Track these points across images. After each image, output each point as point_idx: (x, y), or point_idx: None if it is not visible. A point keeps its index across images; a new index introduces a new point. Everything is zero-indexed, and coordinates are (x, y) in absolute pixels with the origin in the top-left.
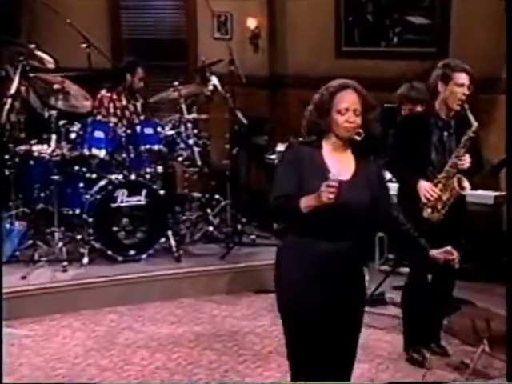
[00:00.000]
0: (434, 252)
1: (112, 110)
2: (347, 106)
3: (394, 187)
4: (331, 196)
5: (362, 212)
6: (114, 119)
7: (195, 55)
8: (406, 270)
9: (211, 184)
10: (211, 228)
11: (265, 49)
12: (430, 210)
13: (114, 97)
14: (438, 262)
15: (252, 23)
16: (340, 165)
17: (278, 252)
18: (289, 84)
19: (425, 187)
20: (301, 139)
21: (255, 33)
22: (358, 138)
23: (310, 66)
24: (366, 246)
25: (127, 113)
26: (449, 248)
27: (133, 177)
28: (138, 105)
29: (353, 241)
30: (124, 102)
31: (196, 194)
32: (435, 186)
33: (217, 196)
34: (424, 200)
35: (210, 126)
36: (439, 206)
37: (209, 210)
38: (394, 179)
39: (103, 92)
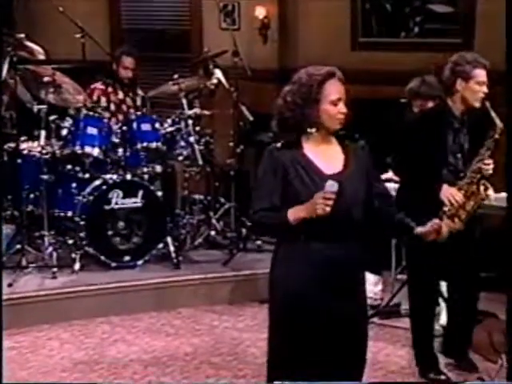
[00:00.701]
0: (419, 229)
1: (104, 104)
2: (340, 96)
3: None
4: (328, 209)
5: (360, 205)
6: (106, 114)
7: (200, 47)
8: None
9: (214, 185)
10: (214, 233)
11: (274, 40)
12: (449, 220)
13: (110, 90)
14: (426, 238)
15: (261, 12)
16: (327, 159)
17: (273, 256)
18: None
19: (450, 192)
20: (278, 144)
21: (264, 23)
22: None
23: (323, 58)
24: (370, 248)
25: (124, 107)
26: (436, 221)
27: (128, 177)
28: (138, 99)
29: (352, 241)
30: (120, 96)
31: (198, 196)
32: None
33: (220, 198)
34: (449, 206)
35: (213, 122)
36: (463, 216)
37: (211, 214)
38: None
39: (97, 84)
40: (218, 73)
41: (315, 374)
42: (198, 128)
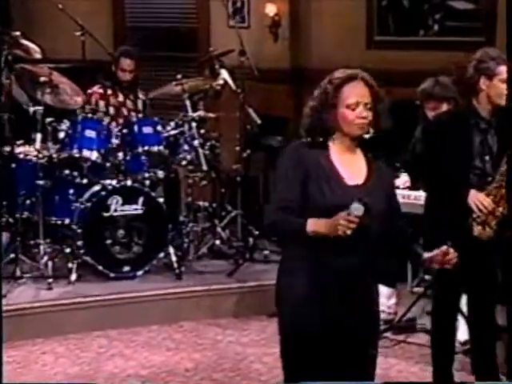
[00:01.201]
0: (426, 256)
1: (103, 108)
2: (358, 100)
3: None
4: (349, 232)
5: (378, 219)
6: (106, 118)
7: (207, 45)
8: None
9: (220, 191)
10: (219, 242)
11: (286, 38)
12: (480, 227)
13: (109, 92)
14: (434, 266)
15: (271, 10)
16: (351, 168)
17: (280, 266)
18: (313, 79)
19: (478, 198)
20: (304, 140)
21: (275, 20)
22: (366, 136)
23: (337, 58)
24: (382, 261)
25: (124, 110)
26: (444, 248)
27: (129, 182)
28: (139, 102)
29: (366, 255)
30: (121, 98)
31: (202, 203)
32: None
33: (226, 205)
34: (478, 213)
35: (219, 125)
36: (492, 222)
37: (216, 222)
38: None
39: (95, 88)
40: (224, 73)
41: None
42: (202, 131)
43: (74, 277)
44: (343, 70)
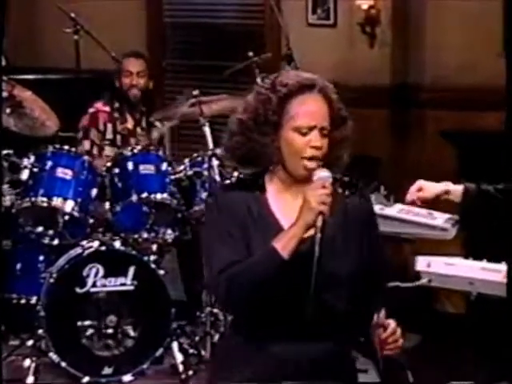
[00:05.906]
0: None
1: (110, 135)
2: (311, 124)
3: None
4: (329, 200)
5: (344, 288)
6: (111, 149)
7: (277, 50)
8: None
9: None
10: None
11: (386, 42)
12: None
13: (116, 115)
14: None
15: (366, 1)
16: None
17: (212, 361)
18: (425, 101)
19: None
20: (229, 182)
21: (371, 16)
22: None
23: (461, 71)
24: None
25: (133, 141)
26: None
27: (116, 244)
28: (155, 131)
29: (336, 341)
30: (130, 125)
31: None
32: None
33: None
34: None
35: None
36: None
37: None
38: None
39: (99, 104)
40: None
41: None
42: (236, 174)
43: (30, 380)
44: (295, 74)
